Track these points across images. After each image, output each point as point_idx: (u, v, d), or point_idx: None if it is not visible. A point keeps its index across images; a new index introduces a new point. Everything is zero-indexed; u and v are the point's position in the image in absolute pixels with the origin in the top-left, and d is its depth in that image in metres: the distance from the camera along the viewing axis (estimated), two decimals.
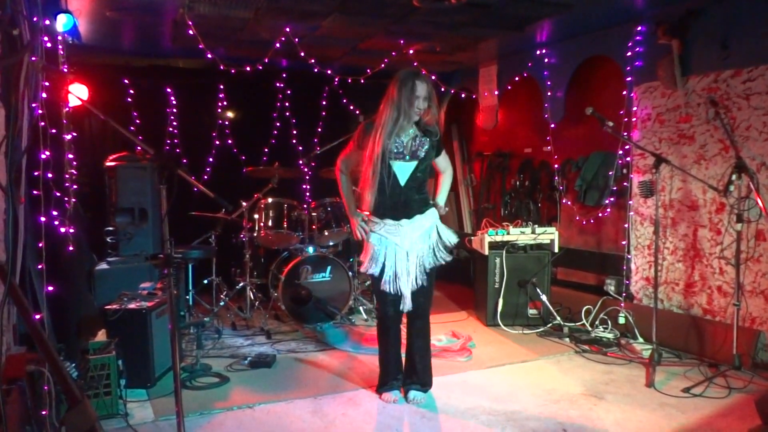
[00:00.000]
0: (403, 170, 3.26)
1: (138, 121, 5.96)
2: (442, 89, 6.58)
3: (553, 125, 5.58)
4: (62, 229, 3.50)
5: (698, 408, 3.32)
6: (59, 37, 3.97)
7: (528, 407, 3.36)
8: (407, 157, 3.24)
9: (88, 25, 4.68)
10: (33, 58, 2.74)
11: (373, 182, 3.22)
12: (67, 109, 4.02)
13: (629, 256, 4.82)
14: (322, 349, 4.42)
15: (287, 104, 6.52)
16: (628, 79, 4.77)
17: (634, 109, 4.76)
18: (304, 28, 4.86)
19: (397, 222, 3.29)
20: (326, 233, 5.20)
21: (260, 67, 5.29)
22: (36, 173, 2.98)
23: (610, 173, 5.02)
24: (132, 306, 3.64)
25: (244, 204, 5.05)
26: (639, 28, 4.64)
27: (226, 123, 6.39)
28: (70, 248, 3.61)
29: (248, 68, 5.31)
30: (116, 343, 3.28)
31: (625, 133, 4.71)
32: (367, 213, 3.34)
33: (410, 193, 3.29)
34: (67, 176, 3.95)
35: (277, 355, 4.23)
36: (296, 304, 4.92)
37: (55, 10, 3.76)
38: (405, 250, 3.28)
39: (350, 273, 5.07)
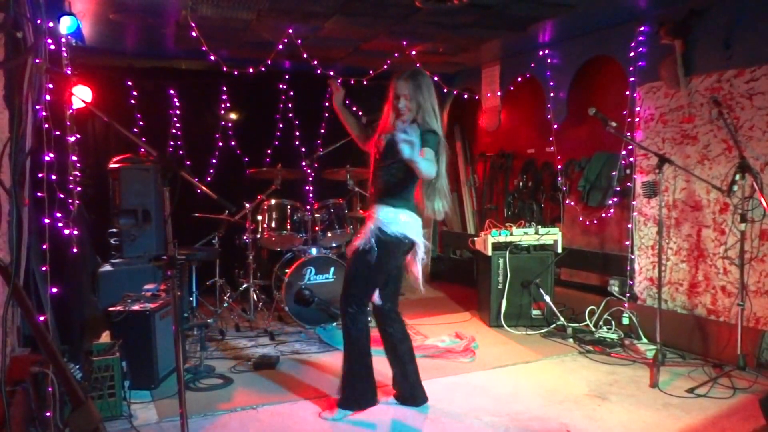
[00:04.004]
0: (377, 167, 3.24)
1: (141, 123, 5.98)
2: (445, 90, 6.58)
3: (555, 126, 5.58)
4: (66, 231, 3.51)
5: (703, 408, 3.31)
6: (63, 40, 3.98)
7: (531, 408, 3.36)
8: (383, 156, 3.21)
9: (92, 27, 4.70)
10: (36, 61, 2.75)
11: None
12: (70, 111, 4.03)
13: (633, 257, 4.81)
14: (326, 351, 4.43)
15: (290, 105, 6.53)
16: (631, 79, 4.76)
17: (637, 109, 4.75)
18: (307, 29, 4.87)
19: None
20: (329, 234, 5.21)
21: (263, 69, 5.29)
22: (40, 175, 2.99)
23: (614, 174, 5.01)
24: (136, 307, 3.64)
25: (247, 205, 5.05)
26: (642, 28, 4.63)
27: (229, 124, 6.40)
28: (74, 250, 3.61)
29: (251, 70, 5.32)
30: (120, 344, 3.29)
31: (629, 134, 4.70)
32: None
33: (379, 188, 3.20)
34: (70, 178, 3.96)
35: (281, 356, 4.23)
36: (299, 305, 4.92)
37: (59, 12, 3.77)
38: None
39: None
